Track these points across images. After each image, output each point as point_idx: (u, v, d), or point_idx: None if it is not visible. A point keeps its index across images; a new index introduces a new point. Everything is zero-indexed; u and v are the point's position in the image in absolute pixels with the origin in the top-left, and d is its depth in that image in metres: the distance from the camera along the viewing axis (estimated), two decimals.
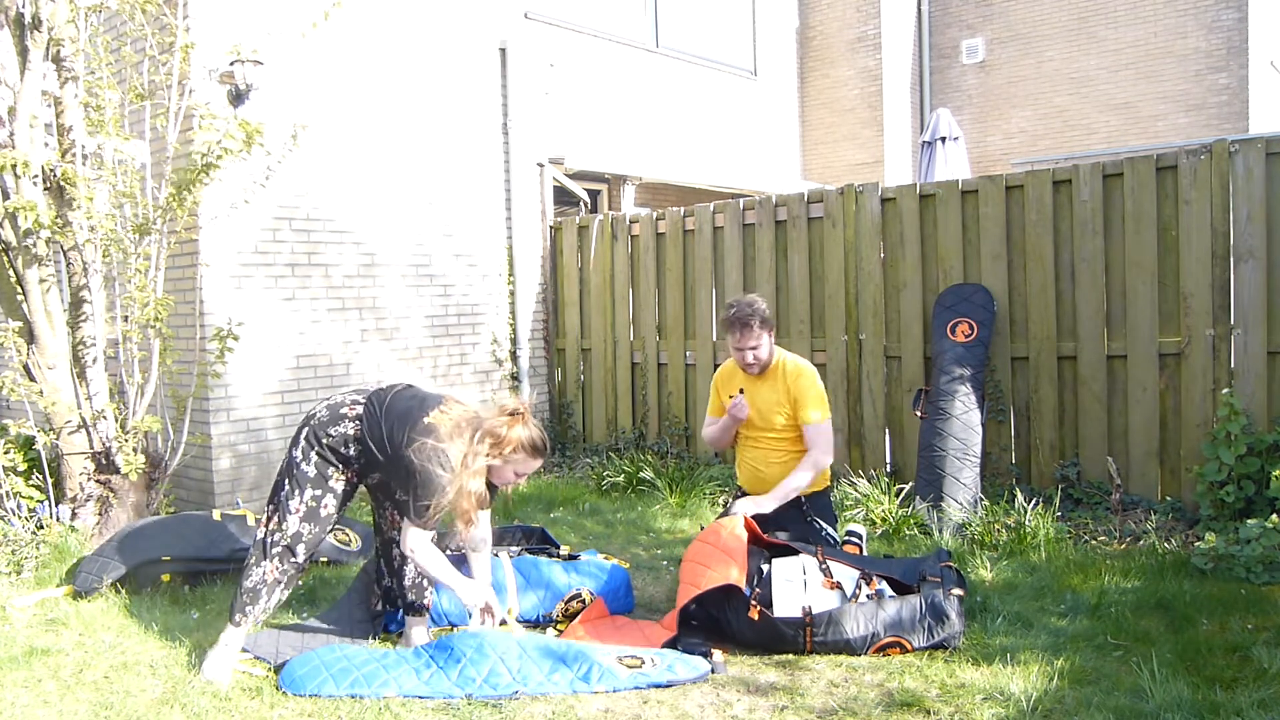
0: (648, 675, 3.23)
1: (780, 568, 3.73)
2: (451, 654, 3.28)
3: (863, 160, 12.23)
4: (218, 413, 5.84)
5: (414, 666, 3.28)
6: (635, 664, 3.29)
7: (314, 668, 3.26)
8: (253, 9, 5.92)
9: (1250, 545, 4.15)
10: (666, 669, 3.27)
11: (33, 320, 4.89)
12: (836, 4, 12.46)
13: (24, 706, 3.12)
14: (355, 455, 3.37)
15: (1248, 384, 4.83)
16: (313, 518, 3.38)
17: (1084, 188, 5.29)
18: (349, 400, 3.42)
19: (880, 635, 3.43)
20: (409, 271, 6.88)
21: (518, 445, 3.27)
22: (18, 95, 4.74)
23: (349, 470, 3.42)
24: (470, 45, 7.29)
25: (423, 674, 3.24)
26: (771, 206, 6.49)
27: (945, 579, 3.66)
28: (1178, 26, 11.35)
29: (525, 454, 3.29)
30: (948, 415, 5.30)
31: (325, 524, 3.41)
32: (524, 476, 3.39)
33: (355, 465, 3.41)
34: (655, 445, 7.02)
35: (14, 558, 4.44)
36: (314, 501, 3.37)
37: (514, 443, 3.26)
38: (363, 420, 3.34)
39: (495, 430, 3.24)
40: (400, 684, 3.20)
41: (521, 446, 3.27)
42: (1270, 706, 2.85)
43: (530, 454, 3.30)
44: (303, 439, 3.38)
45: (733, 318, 4.27)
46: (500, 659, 3.23)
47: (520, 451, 3.28)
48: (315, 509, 3.37)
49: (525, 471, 3.36)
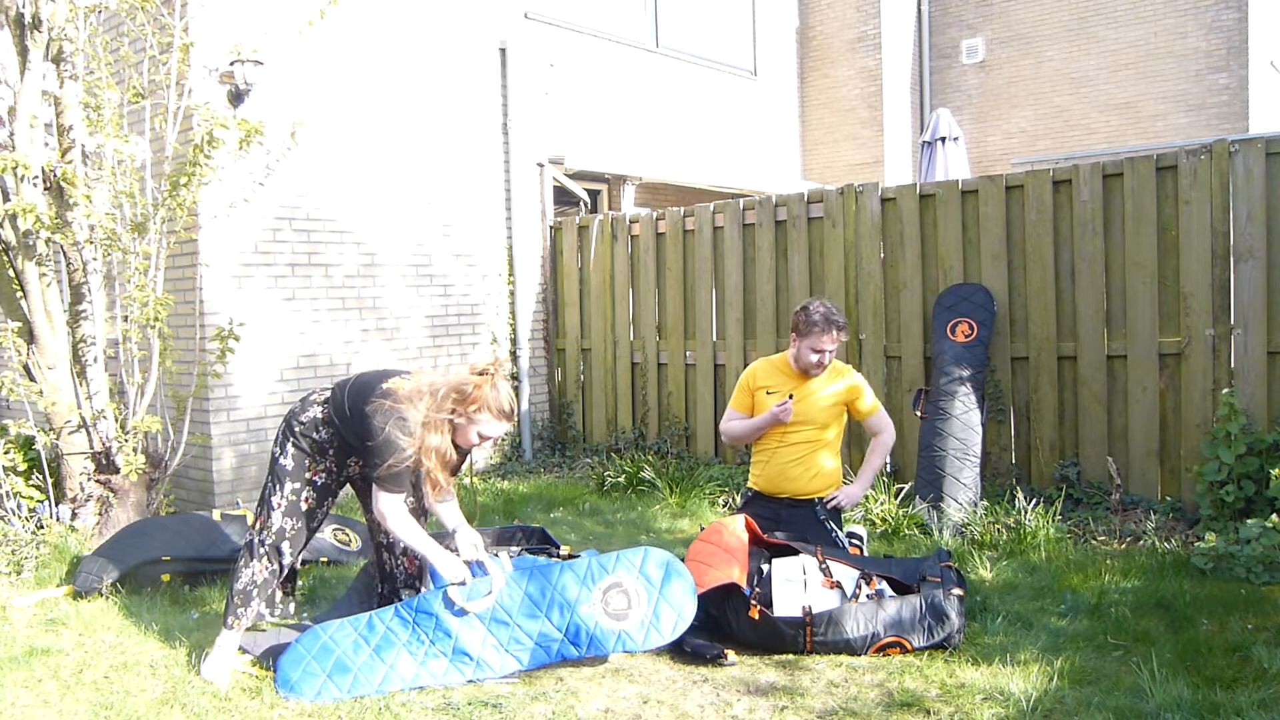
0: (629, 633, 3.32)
1: (780, 567, 3.73)
2: (438, 624, 3.28)
3: (863, 160, 12.22)
4: (218, 413, 5.84)
5: (406, 646, 3.28)
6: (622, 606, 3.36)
7: (308, 669, 3.25)
8: (252, 9, 5.92)
9: (1250, 545, 4.15)
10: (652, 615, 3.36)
11: (32, 320, 4.89)
12: (836, 4, 12.46)
13: (24, 706, 3.12)
14: (327, 439, 3.40)
15: (1248, 384, 4.83)
16: (294, 512, 3.40)
17: (1084, 188, 5.29)
18: (320, 389, 3.50)
19: (880, 635, 3.43)
20: (409, 271, 6.88)
21: (484, 404, 3.23)
22: (18, 95, 4.74)
23: (325, 459, 3.44)
24: (470, 45, 7.29)
25: (416, 653, 3.26)
26: (771, 206, 6.49)
27: (945, 579, 3.66)
28: (1178, 26, 11.35)
29: (491, 415, 3.24)
30: (948, 415, 5.30)
31: (309, 520, 3.43)
32: (488, 440, 3.34)
33: (330, 451, 3.43)
34: (655, 445, 7.02)
35: (14, 558, 4.44)
36: (294, 495, 3.39)
37: (480, 401, 3.22)
38: (329, 401, 3.40)
39: (462, 387, 3.23)
40: (401, 674, 3.22)
41: (487, 406, 3.23)
42: (1270, 706, 2.85)
43: (496, 415, 3.25)
44: (280, 433, 3.43)
45: (826, 319, 4.23)
46: (489, 631, 3.29)
47: (485, 411, 3.23)
48: (295, 503, 3.40)
49: (490, 435, 3.31)
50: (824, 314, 4.25)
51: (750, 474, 4.63)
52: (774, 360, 4.57)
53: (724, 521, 4.01)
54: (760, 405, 4.42)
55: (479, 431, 3.28)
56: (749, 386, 4.50)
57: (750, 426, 4.42)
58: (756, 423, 4.39)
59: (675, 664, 3.45)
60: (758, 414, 4.43)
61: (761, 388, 4.44)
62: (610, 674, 3.37)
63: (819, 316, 4.24)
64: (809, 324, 4.27)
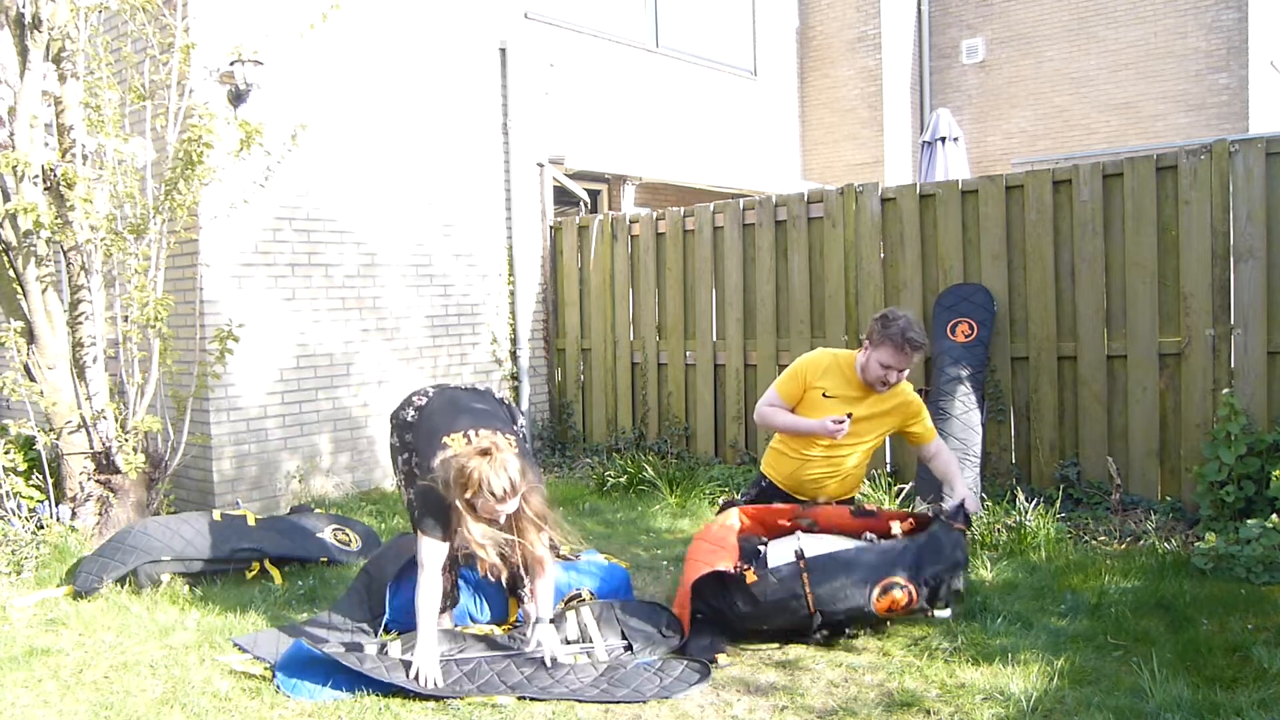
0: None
1: (775, 547, 3.73)
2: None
3: (863, 160, 12.22)
4: (218, 413, 5.84)
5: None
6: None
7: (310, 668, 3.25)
8: (252, 9, 5.92)
9: (1250, 545, 4.15)
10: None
11: (33, 320, 4.89)
12: (836, 4, 12.45)
13: (24, 706, 3.12)
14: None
15: (1248, 384, 4.83)
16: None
17: (1084, 188, 5.29)
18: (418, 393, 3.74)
19: (881, 574, 3.40)
20: (409, 271, 6.88)
21: (478, 486, 3.09)
22: (18, 95, 4.74)
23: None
24: (470, 45, 7.29)
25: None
26: (771, 206, 6.48)
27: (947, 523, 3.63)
28: (1178, 26, 11.35)
29: (485, 496, 3.10)
30: (948, 415, 5.30)
31: None
32: (503, 515, 3.19)
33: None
34: (655, 445, 7.02)
35: (14, 558, 4.43)
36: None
37: (475, 485, 3.09)
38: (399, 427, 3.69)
39: (463, 469, 3.11)
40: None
41: (482, 487, 3.09)
42: (1270, 706, 2.85)
43: (489, 496, 3.10)
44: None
45: (904, 336, 3.76)
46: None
47: (480, 494, 3.10)
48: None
49: (493, 515, 3.17)
50: (902, 329, 3.77)
51: (765, 460, 4.26)
52: (840, 359, 4.07)
53: (716, 517, 4.01)
54: (812, 405, 3.98)
55: (485, 511, 3.17)
56: (804, 379, 4.02)
57: (793, 426, 3.97)
58: (801, 426, 3.94)
59: None
60: (806, 413, 3.99)
61: (819, 387, 3.97)
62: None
63: (896, 331, 3.77)
64: (884, 335, 3.80)
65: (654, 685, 3.19)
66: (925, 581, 3.46)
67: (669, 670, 3.30)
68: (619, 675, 3.27)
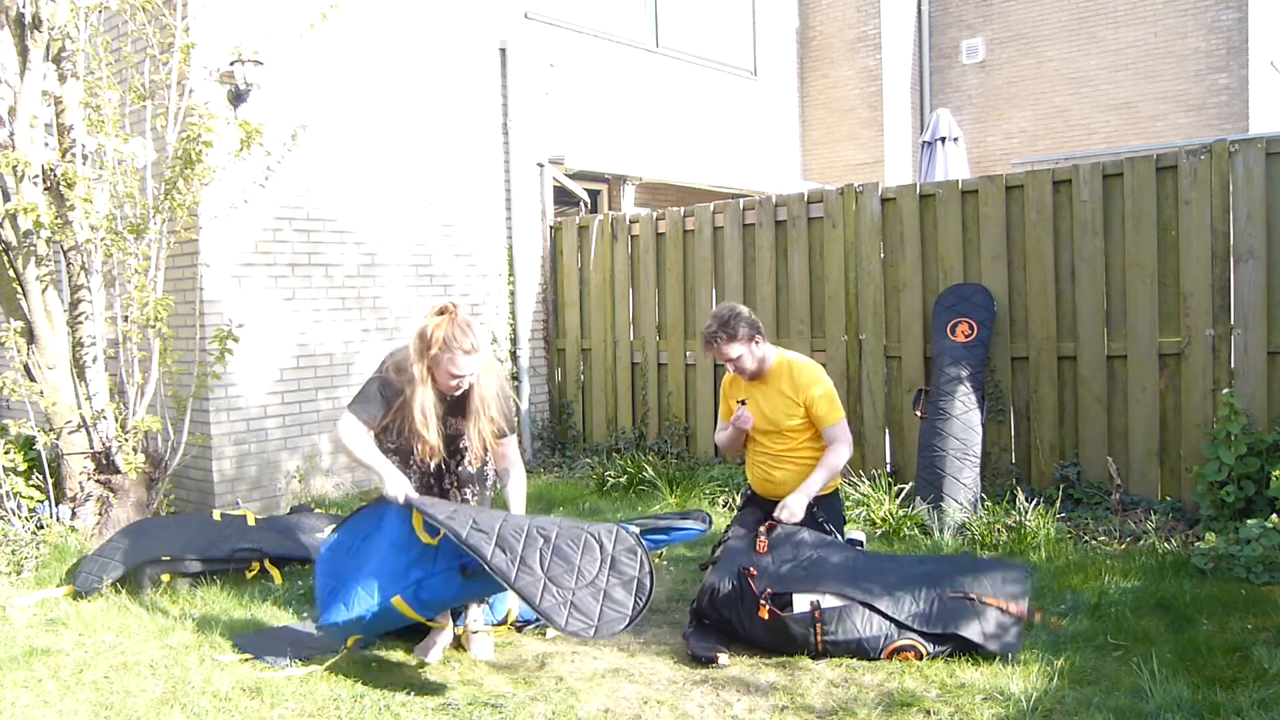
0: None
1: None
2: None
3: (863, 160, 12.21)
4: (218, 412, 5.84)
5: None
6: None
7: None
8: (252, 9, 5.92)
9: (1250, 545, 4.15)
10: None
11: (33, 320, 4.89)
12: (836, 4, 12.45)
13: (24, 706, 3.12)
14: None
15: (1248, 384, 4.83)
16: None
17: (1084, 188, 5.29)
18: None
19: (893, 637, 3.39)
20: (409, 271, 6.88)
21: (442, 342, 3.32)
22: (18, 95, 4.74)
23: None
24: (470, 45, 7.29)
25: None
26: (771, 206, 6.48)
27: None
28: (1178, 26, 11.35)
29: (446, 350, 3.32)
30: (948, 415, 5.30)
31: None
32: (461, 377, 3.38)
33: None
34: (655, 445, 7.02)
35: (14, 558, 4.44)
36: None
37: (440, 341, 3.32)
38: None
39: (422, 330, 3.35)
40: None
41: (441, 342, 3.31)
42: (1270, 706, 2.86)
43: (449, 349, 3.32)
44: None
45: (704, 336, 4.26)
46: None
47: (443, 350, 3.31)
48: None
49: (460, 371, 3.36)
50: (705, 331, 4.25)
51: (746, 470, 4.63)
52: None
53: None
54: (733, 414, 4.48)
55: (448, 370, 3.36)
56: (725, 394, 4.54)
57: (729, 436, 4.46)
58: (731, 431, 4.42)
59: (675, 664, 3.45)
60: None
61: (731, 395, 4.47)
62: (610, 674, 3.37)
63: (703, 333, 4.27)
64: (701, 342, 4.37)
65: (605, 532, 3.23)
66: (937, 640, 3.41)
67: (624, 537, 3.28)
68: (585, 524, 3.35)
